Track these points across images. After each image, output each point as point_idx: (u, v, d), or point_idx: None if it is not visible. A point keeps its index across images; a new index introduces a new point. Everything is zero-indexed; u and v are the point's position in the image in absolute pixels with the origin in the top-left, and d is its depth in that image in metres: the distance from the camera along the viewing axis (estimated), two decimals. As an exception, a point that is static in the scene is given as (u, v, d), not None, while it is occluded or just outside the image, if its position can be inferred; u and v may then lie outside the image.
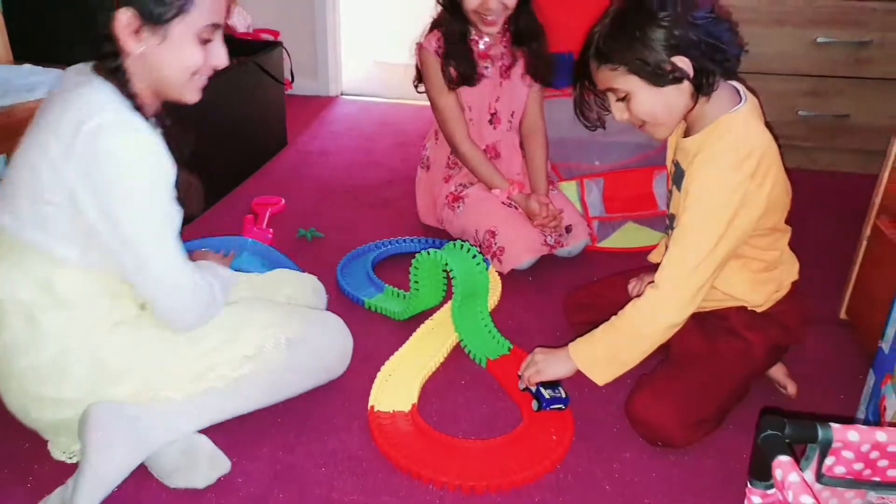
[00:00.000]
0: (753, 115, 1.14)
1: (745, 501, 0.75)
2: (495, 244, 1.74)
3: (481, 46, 1.78)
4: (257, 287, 1.34)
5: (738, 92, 1.15)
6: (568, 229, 1.81)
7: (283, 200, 2.08)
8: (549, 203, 1.76)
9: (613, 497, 1.12)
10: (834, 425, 0.71)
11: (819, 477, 0.72)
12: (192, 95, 1.09)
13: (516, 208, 1.80)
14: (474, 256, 1.44)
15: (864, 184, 2.14)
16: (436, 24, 1.77)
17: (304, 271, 1.52)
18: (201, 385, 1.12)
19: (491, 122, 1.86)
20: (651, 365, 1.24)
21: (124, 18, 0.96)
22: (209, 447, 1.12)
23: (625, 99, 1.12)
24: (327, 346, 1.27)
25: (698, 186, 1.11)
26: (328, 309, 1.46)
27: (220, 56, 1.06)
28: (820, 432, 0.70)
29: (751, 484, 0.74)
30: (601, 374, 1.18)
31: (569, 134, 2.19)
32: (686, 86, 1.09)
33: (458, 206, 1.85)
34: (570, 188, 2.00)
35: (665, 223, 1.93)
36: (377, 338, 1.48)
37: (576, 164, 2.16)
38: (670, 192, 1.27)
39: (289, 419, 1.24)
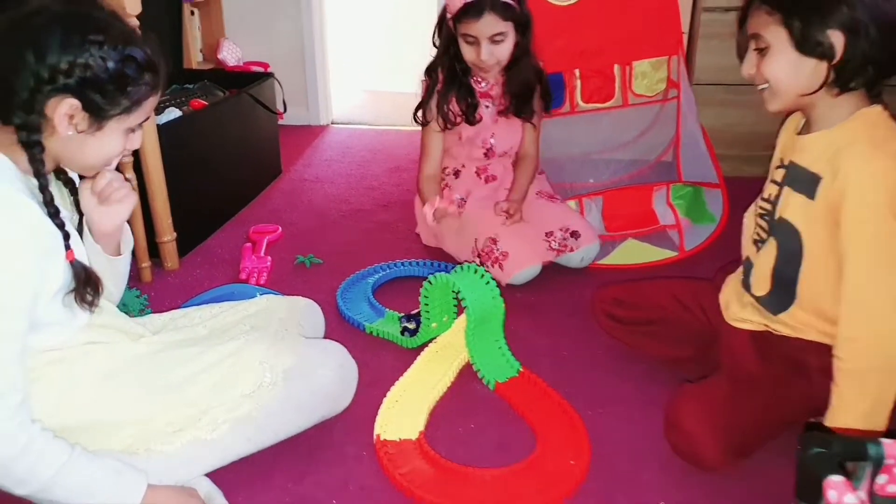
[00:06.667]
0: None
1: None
2: (497, 250, 1.72)
3: (483, 86, 1.81)
4: (248, 316, 1.28)
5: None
6: (575, 235, 1.79)
7: (280, 228, 2.05)
8: (512, 203, 1.78)
9: (635, 520, 1.08)
10: (885, 441, 0.67)
11: (872, 498, 0.68)
12: (93, 174, 1.04)
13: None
14: (488, 282, 1.39)
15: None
16: (439, 61, 1.78)
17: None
18: (193, 433, 1.05)
19: (486, 154, 1.86)
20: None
21: (66, 106, 0.90)
22: (206, 490, 1.06)
23: (762, 52, 1.05)
24: (328, 376, 1.18)
25: (864, 185, 1.00)
26: (328, 335, 1.42)
27: (136, 142, 1.01)
28: (871, 449, 0.66)
29: (795, 504, 0.70)
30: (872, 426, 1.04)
31: (562, 153, 2.21)
32: (824, 68, 1.02)
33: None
34: (569, 207, 1.99)
35: (670, 239, 1.96)
36: (382, 363, 1.45)
37: (570, 184, 2.16)
38: (771, 201, 1.16)
39: (298, 448, 1.19)
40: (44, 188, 0.92)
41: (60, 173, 1.05)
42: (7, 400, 0.88)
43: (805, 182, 1.09)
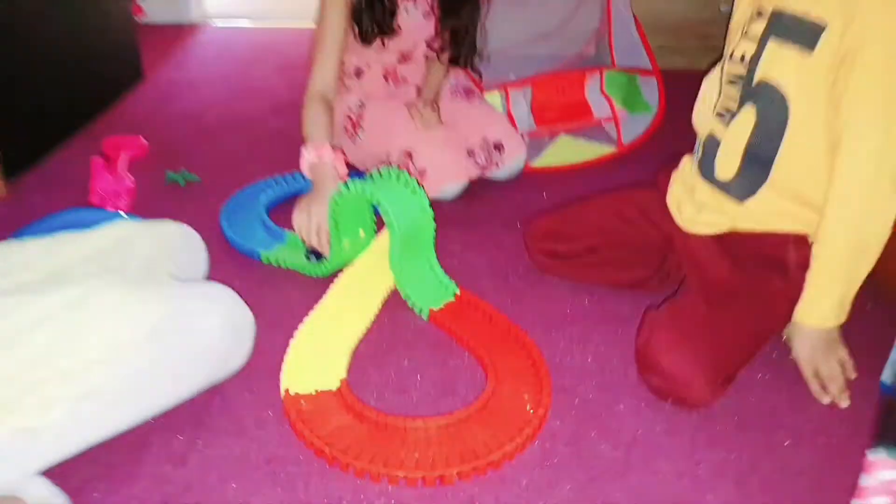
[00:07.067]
0: None
1: (863, 474, 0.53)
2: (414, 166, 1.44)
3: None
4: (93, 252, 0.97)
5: None
6: (498, 147, 1.53)
7: (144, 140, 1.67)
8: (426, 105, 1.53)
9: (619, 462, 0.89)
10: None
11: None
12: None
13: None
14: (414, 190, 1.15)
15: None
16: None
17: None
18: (13, 420, 0.76)
19: (401, 59, 1.54)
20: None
21: None
22: (38, 495, 0.76)
23: None
24: (213, 330, 0.91)
25: (891, 31, 0.84)
26: (210, 269, 1.14)
27: None
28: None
29: (875, 451, 0.51)
30: (841, 317, 0.96)
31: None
32: None
33: (359, 132, 1.52)
34: (492, 100, 1.72)
35: (605, 133, 1.75)
36: (286, 299, 1.17)
37: (491, 79, 1.89)
38: (746, 61, 0.99)
39: (175, 419, 0.91)
40: None
41: None
42: None
43: (800, 32, 0.91)
